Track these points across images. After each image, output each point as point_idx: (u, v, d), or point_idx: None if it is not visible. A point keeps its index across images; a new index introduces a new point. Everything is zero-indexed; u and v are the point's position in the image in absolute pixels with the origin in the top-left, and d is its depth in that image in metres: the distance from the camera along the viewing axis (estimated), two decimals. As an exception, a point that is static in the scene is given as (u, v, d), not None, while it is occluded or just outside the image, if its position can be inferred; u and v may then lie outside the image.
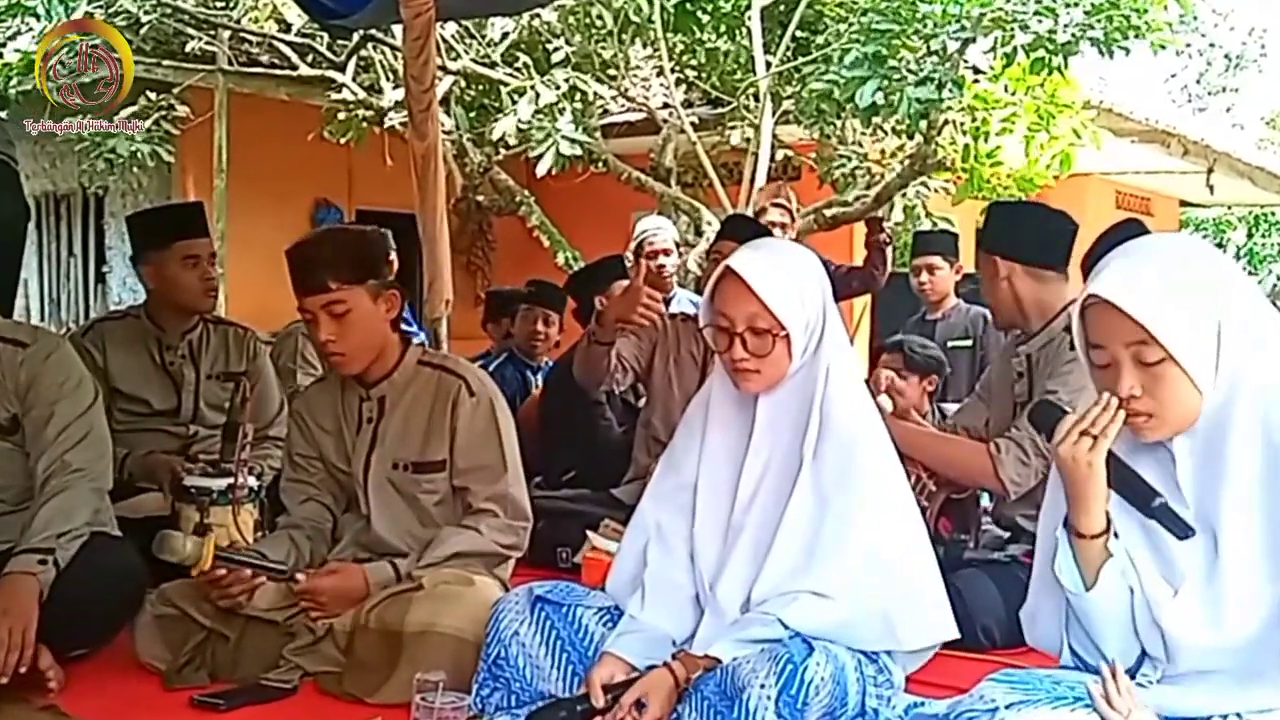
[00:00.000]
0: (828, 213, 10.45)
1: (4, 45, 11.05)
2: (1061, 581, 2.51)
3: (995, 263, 4.34)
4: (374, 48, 10.98)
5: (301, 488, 4.04)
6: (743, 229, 5.78)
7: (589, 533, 4.85)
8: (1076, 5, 8.10)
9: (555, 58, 10.61)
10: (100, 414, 3.99)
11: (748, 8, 10.31)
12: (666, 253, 7.17)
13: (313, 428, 4.03)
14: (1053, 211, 4.50)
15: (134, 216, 5.44)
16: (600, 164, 10.79)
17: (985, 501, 4.63)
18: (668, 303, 7.26)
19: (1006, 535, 4.40)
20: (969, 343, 7.21)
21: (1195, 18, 15.71)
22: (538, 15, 10.57)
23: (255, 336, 5.35)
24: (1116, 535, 2.48)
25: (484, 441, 3.89)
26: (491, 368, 7.17)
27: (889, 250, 7.47)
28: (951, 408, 5.99)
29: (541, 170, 9.60)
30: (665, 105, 11.30)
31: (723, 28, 10.74)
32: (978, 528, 4.50)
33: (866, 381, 3.48)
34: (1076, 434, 2.43)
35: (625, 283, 6.42)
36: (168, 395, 5.08)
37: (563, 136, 9.47)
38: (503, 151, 10.68)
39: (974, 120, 9.02)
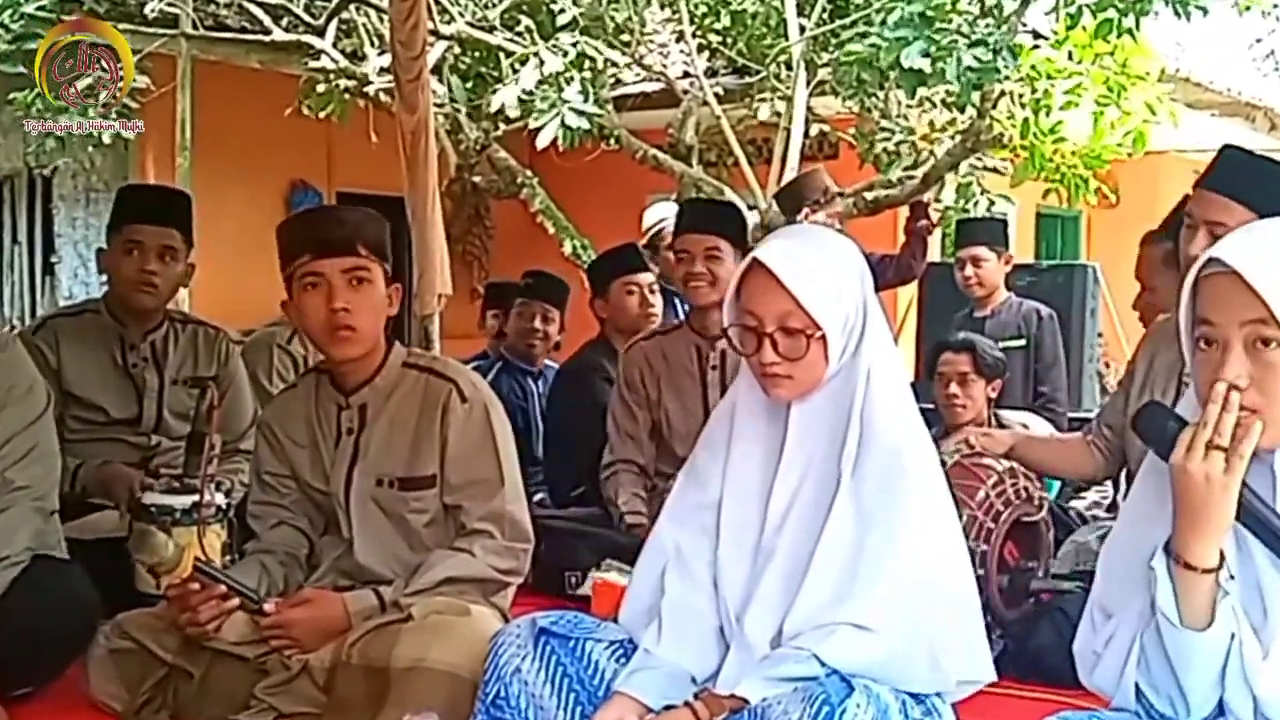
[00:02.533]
0: (868, 195, 10.44)
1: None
2: (1165, 617, 2.38)
3: (1252, 217, 4.19)
4: (357, 9, 10.99)
5: (272, 510, 4.02)
6: (709, 218, 5.69)
7: (596, 569, 4.85)
8: (1148, -44, 8.09)
9: (561, 20, 10.57)
10: (50, 426, 4.00)
11: (778, -36, 10.33)
12: None
13: (284, 441, 4.01)
14: None
15: (123, 190, 5.44)
16: (612, 140, 10.80)
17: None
18: (682, 300, 7.26)
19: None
20: (1022, 342, 7.22)
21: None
22: (542, -28, 10.60)
23: (227, 338, 5.34)
24: (1233, 576, 2.36)
25: (478, 453, 3.87)
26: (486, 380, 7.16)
27: (929, 238, 7.48)
28: (1007, 414, 6.00)
29: (543, 142, 9.56)
30: (686, 74, 11.30)
31: (750, -14, 10.76)
32: (1048, 554, 4.49)
33: (914, 385, 3.46)
34: (1202, 447, 2.29)
35: (626, 281, 6.48)
36: (127, 401, 5.08)
37: (569, 109, 9.45)
38: (502, 126, 10.69)
39: (1034, 92, 9.00)
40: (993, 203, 10.51)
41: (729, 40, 11.30)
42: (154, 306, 5.11)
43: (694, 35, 10.98)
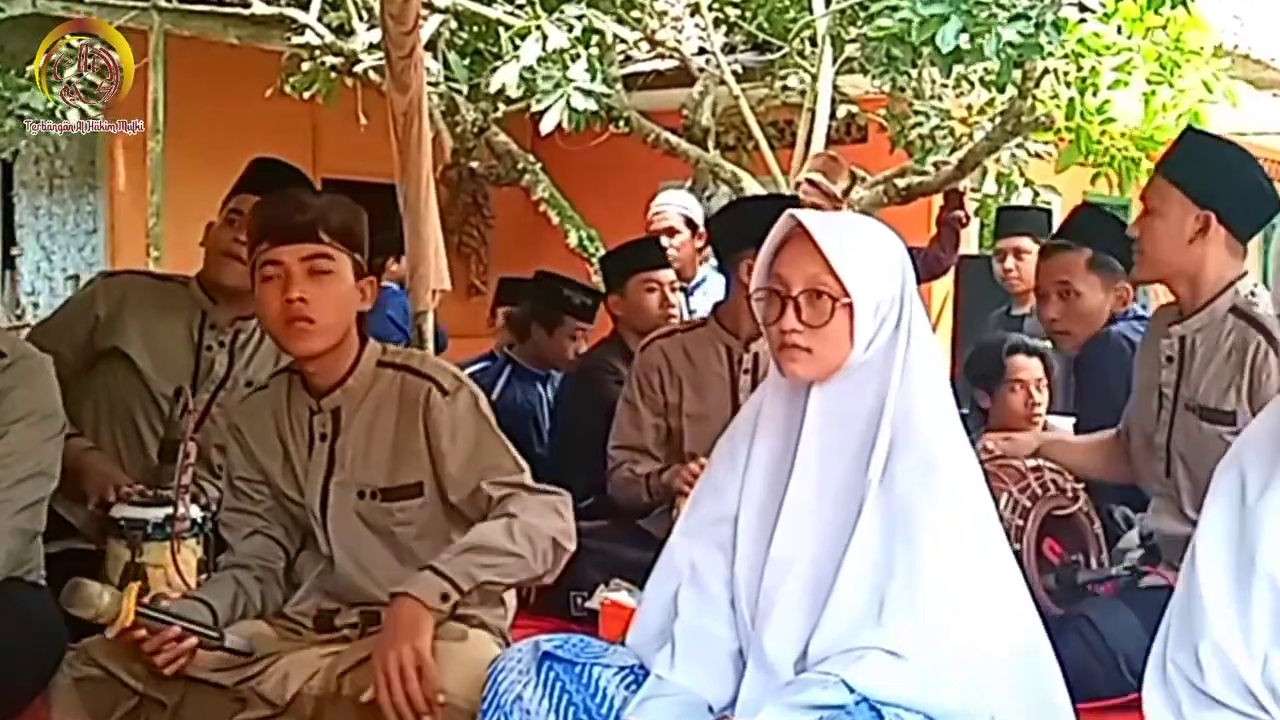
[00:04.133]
0: (900, 183, 10.42)
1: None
2: None
3: (1191, 207, 4.33)
4: (344, -20, 11.01)
5: (245, 518, 4.00)
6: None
7: (604, 588, 4.85)
8: (1204, -79, 8.09)
9: (567, -8, 10.61)
10: (56, 451, 4.03)
11: (802, -70, 10.33)
12: (671, 231, 7.20)
13: (253, 445, 4.00)
14: (1258, 164, 4.50)
15: (255, 162, 5.39)
16: (622, 123, 10.78)
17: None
18: (688, 294, 7.26)
19: (1140, 553, 4.41)
20: None
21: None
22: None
23: None
24: None
25: (478, 437, 3.85)
26: (495, 392, 7.14)
27: (962, 230, 7.47)
28: (1054, 420, 5.99)
29: (547, 125, 9.54)
30: (701, 51, 11.28)
31: (772, -45, 10.76)
32: (1097, 545, 4.49)
33: (952, 383, 3.46)
34: None
35: (644, 278, 6.46)
36: (180, 378, 4.97)
37: (575, 89, 9.42)
38: (502, 107, 10.69)
39: (1080, 69, 8.98)
40: (1037, 193, 10.48)
41: (748, 14, 11.31)
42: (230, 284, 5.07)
43: (710, 8, 10.96)
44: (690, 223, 7.46)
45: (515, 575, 3.68)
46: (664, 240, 7.20)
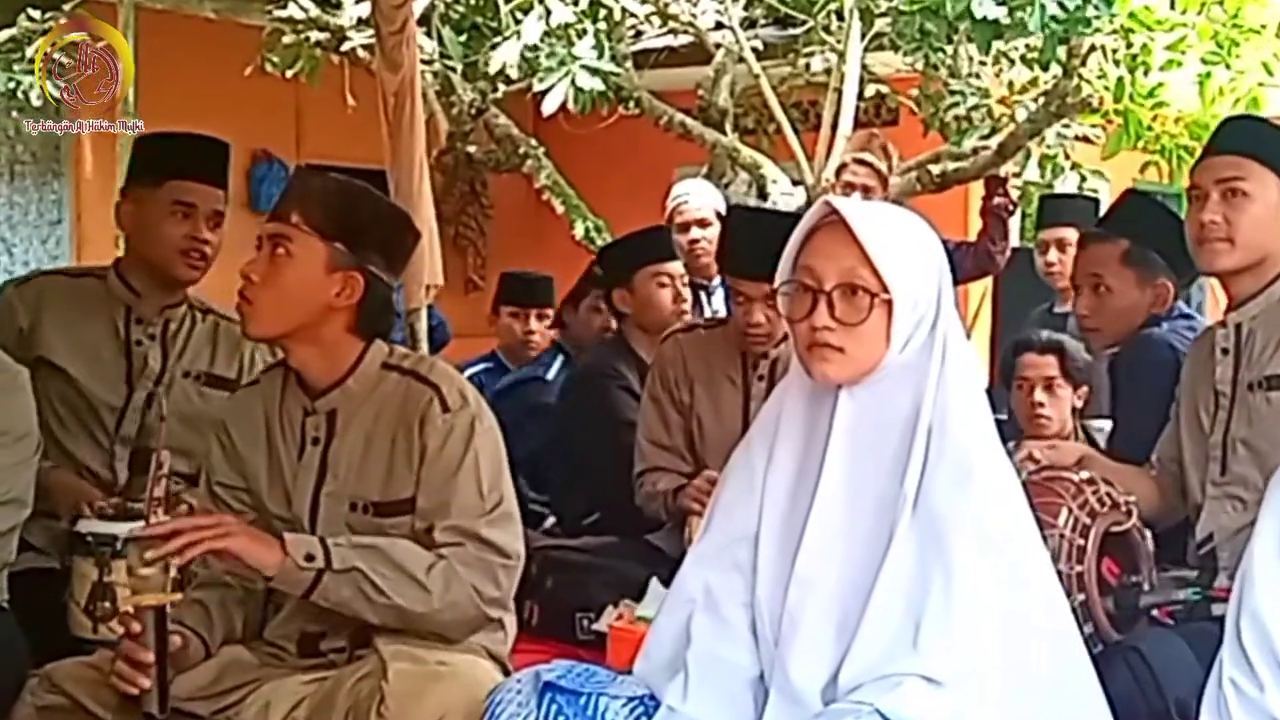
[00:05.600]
0: (934, 168, 10.42)
1: None
2: None
3: (1266, 175, 4.34)
4: (330, -52, 11.01)
5: None
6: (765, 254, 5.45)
7: (612, 609, 4.84)
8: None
9: (572, -39, 10.61)
10: (30, 473, 4.06)
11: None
12: (703, 223, 7.19)
13: (239, 446, 3.98)
14: None
15: (159, 138, 5.41)
16: (631, 104, 10.79)
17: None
18: (709, 294, 7.25)
19: (1195, 574, 4.40)
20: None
21: None
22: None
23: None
24: None
25: (456, 472, 3.80)
26: (506, 383, 7.16)
27: (1010, 218, 7.45)
28: (1097, 425, 5.98)
29: (550, 106, 9.53)
30: (719, 25, 11.27)
31: (795, -78, 10.75)
32: (1150, 564, 4.48)
33: (989, 391, 3.45)
34: None
35: (655, 270, 6.43)
36: (115, 383, 4.97)
37: (581, 67, 9.42)
38: (502, 88, 10.68)
39: (1130, 47, 8.97)
40: (1084, 179, 10.46)
41: (769, -15, 11.31)
42: (196, 281, 5.06)
43: (728, -20, 10.99)
44: (720, 215, 7.44)
45: (403, 599, 3.64)
46: (695, 232, 7.18)
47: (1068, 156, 10.48)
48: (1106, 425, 5.87)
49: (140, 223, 5.01)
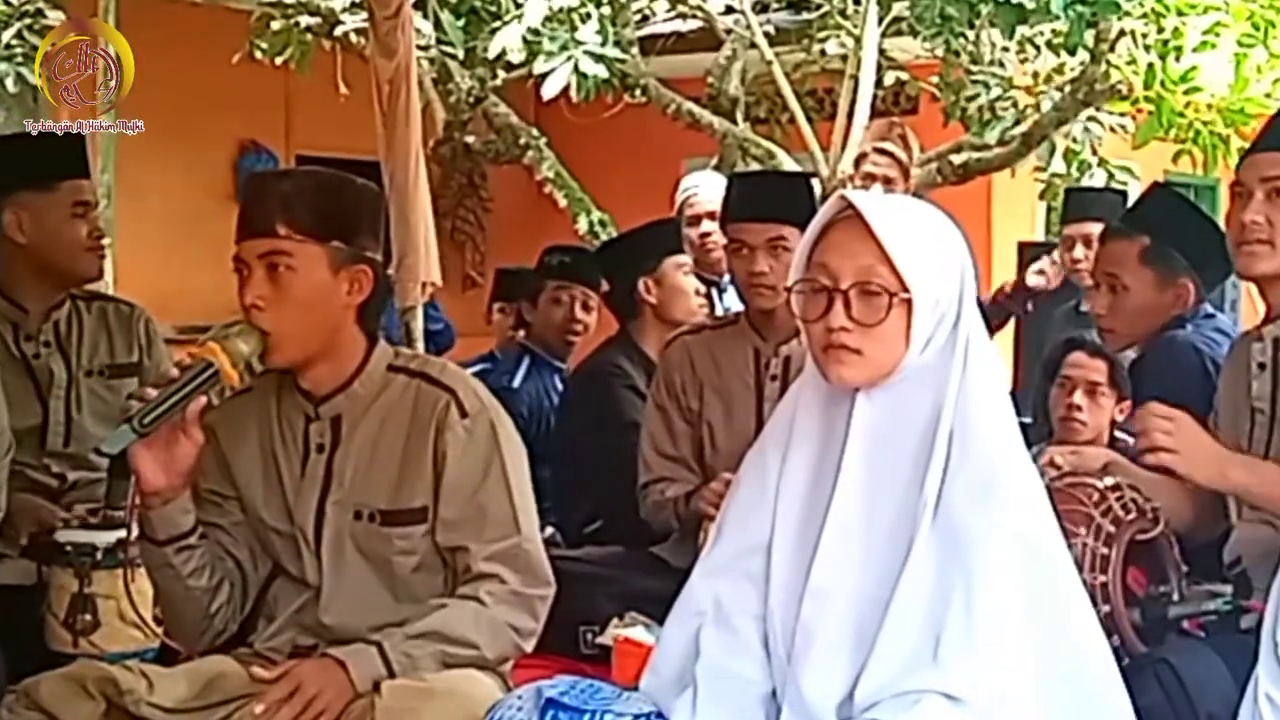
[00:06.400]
0: (956, 159, 10.43)
1: None
2: None
3: None
4: (321, -71, 11.02)
5: (211, 533, 3.90)
6: (771, 199, 5.49)
7: (617, 622, 4.84)
8: None
9: (575, -57, 10.62)
10: (2, 476, 4.04)
11: None
12: (714, 216, 7.17)
13: (229, 455, 3.94)
14: None
15: (35, 138, 5.41)
16: (638, 91, 10.79)
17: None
18: (720, 291, 7.25)
19: (1229, 589, 4.39)
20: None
21: None
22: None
23: (145, 316, 5.26)
24: None
25: (483, 482, 3.80)
26: (515, 382, 7.16)
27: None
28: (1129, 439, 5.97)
29: (551, 93, 9.51)
30: (729, 9, 11.29)
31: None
32: (1179, 573, 4.47)
33: (1013, 394, 3.45)
34: None
35: (679, 261, 6.44)
36: (28, 404, 4.94)
37: (585, 53, 9.42)
38: (502, 74, 10.70)
39: (1161, 31, 8.97)
40: (1111, 174, 10.44)
41: (782, -33, 11.33)
42: (102, 275, 5.10)
43: (739, -39, 10.99)
44: None
45: (460, 663, 3.67)
46: (707, 225, 7.18)
47: (1095, 149, 10.46)
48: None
49: (40, 228, 4.97)
